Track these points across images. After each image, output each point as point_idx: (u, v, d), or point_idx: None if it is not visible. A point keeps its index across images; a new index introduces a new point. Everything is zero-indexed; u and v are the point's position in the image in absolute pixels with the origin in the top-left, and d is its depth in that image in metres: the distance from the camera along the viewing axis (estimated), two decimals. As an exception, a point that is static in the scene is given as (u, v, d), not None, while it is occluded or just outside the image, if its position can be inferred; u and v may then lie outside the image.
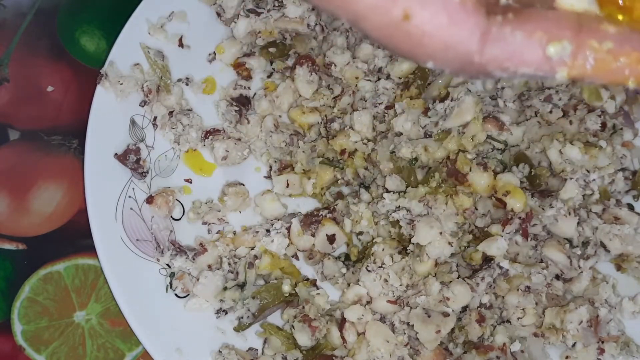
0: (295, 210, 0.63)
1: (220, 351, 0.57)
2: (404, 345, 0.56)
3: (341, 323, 0.57)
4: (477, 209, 0.59)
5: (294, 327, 0.57)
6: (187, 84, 0.64)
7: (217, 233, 0.61)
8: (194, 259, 0.59)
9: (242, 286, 0.59)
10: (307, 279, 0.60)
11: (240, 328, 0.58)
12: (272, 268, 0.59)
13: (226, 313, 0.58)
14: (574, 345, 0.57)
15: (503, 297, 0.58)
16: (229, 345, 0.58)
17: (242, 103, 0.64)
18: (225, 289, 0.58)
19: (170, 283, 0.58)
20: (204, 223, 0.61)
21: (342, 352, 0.57)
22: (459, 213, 0.58)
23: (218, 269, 0.59)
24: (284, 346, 0.57)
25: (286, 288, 0.58)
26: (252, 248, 0.60)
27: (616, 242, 0.58)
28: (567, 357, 0.57)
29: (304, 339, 0.56)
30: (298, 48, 0.66)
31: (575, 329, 0.57)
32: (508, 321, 0.58)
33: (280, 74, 0.66)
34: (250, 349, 0.58)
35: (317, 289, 0.59)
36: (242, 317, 0.58)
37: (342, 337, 0.57)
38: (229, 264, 0.60)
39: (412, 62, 0.63)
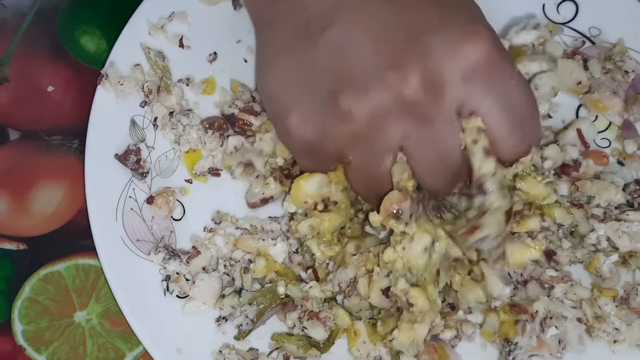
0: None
1: (220, 351, 0.57)
2: None
3: None
4: None
5: (306, 328, 0.57)
6: (187, 84, 0.64)
7: (210, 232, 0.61)
8: (187, 262, 0.59)
9: (239, 292, 0.59)
10: (300, 278, 0.60)
11: (240, 336, 0.58)
12: (267, 271, 0.59)
13: (226, 320, 0.58)
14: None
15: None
16: (229, 345, 0.58)
17: (243, 103, 0.64)
18: (223, 296, 0.59)
19: (167, 286, 0.59)
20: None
21: None
22: None
23: (214, 270, 0.59)
24: (301, 349, 0.57)
25: (281, 290, 0.58)
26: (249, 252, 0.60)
27: (625, 240, 0.58)
28: (615, 342, 0.58)
29: (320, 332, 0.57)
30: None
31: (612, 309, 0.57)
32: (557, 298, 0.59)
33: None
34: (251, 349, 0.58)
35: (306, 283, 0.59)
36: (241, 325, 0.58)
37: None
38: (225, 265, 0.60)
39: None
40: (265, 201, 0.61)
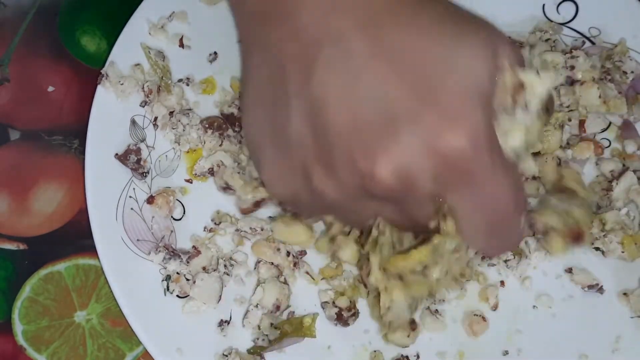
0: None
1: (224, 354, 0.57)
2: None
3: None
4: None
5: None
6: (187, 84, 0.65)
7: (210, 232, 0.61)
8: (188, 262, 0.59)
9: None
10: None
11: (255, 350, 0.58)
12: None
13: (228, 323, 0.58)
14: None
15: None
16: (233, 349, 0.58)
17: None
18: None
19: (168, 286, 0.59)
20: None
21: None
22: None
23: (214, 270, 0.59)
24: None
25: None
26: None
27: None
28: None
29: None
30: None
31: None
32: None
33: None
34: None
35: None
36: (257, 339, 0.58)
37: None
38: (225, 265, 0.60)
39: None
40: (257, 204, 0.61)
